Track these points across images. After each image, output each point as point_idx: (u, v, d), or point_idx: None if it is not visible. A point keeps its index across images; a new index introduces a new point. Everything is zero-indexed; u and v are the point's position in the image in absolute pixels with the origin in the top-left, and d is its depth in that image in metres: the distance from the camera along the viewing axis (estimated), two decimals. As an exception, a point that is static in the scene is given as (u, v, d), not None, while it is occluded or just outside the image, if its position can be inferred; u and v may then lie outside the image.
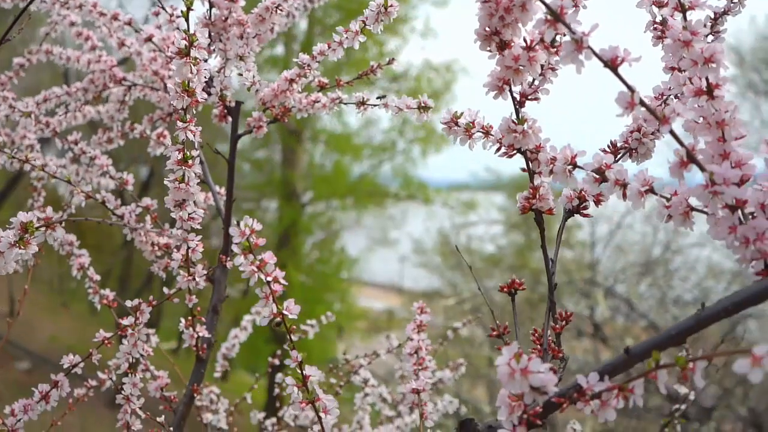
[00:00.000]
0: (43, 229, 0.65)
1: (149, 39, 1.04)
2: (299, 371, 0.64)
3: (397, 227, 12.56)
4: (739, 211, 0.52)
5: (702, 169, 0.51)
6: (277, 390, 1.34)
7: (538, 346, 0.63)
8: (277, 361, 1.42)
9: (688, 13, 0.57)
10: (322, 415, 0.63)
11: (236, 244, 0.60)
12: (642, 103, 0.50)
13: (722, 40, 0.71)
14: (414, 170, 11.82)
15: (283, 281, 0.62)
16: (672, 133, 0.51)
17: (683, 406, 1.10)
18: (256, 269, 0.61)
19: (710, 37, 0.71)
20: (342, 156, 11.93)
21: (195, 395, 0.97)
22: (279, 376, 1.11)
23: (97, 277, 1.09)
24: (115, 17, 1.08)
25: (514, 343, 0.50)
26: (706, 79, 0.53)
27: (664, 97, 0.67)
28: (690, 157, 0.51)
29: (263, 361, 1.49)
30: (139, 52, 1.12)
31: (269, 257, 0.62)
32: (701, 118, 0.54)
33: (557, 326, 0.62)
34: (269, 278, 0.61)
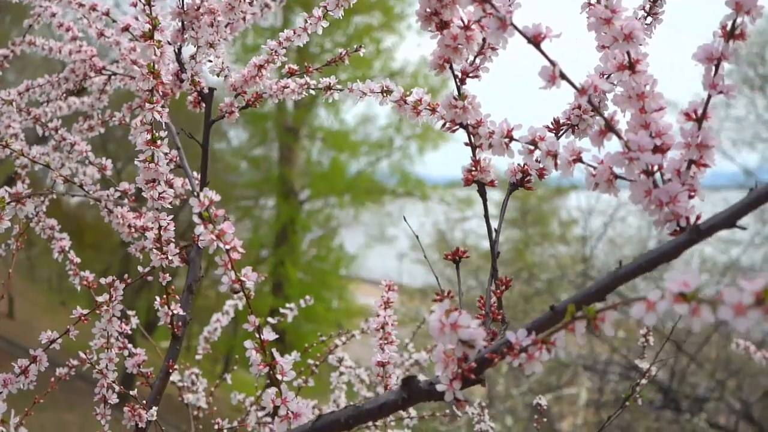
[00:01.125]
0: (13, 204, 0.68)
1: (126, 29, 1.07)
2: (257, 335, 0.68)
3: (395, 224, 12.60)
4: (658, 176, 0.56)
5: (619, 137, 0.54)
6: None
7: (482, 311, 0.66)
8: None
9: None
10: (279, 376, 0.67)
11: (195, 214, 0.64)
12: (562, 75, 0.53)
13: (660, 21, 0.74)
14: (411, 167, 11.86)
15: (241, 249, 0.66)
16: (591, 103, 0.54)
17: (644, 381, 1.13)
18: (215, 238, 0.65)
19: (649, 19, 0.75)
20: (339, 153, 11.96)
21: (170, 371, 1.01)
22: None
23: (78, 260, 1.12)
24: (93, 8, 1.12)
25: (446, 301, 0.54)
26: (628, 54, 0.56)
27: (605, 76, 0.71)
28: (609, 127, 0.55)
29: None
30: (117, 42, 1.16)
31: (228, 227, 0.65)
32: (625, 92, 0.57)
33: (498, 291, 0.65)
34: (228, 246, 0.65)
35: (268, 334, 0.68)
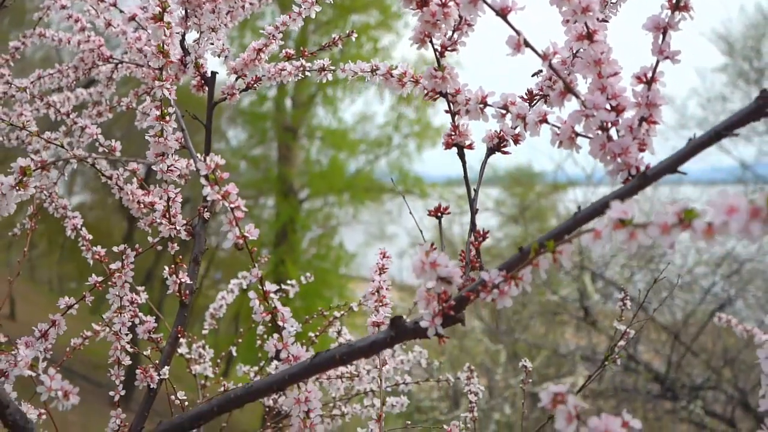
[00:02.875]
0: (39, 171, 0.75)
1: (133, 18, 1.14)
2: (260, 287, 0.75)
3: (394, 222, 12.66)
4: (614, 132, 0.63)
5: (577, 97, 0.62)
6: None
7: (463, 262, 0.74)
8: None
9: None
10: (280, 323, 0.74)
11: (203, 176, 0.71)
12: (526, 44, 0.61)
13: (625, 0, 0.81)
14: (410, 165, 11.93)
15: (244, 208, 0.73)
16: (551, 68, 0.62)
17: (621, 342, 1.20)
18: (221, 198, 0.72)
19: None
20: (338, 152, 12.03)
21: (179, 336, 1.08)
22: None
23: (90, 236, 1.19)
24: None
25: (427, 243, 0.61)
26: (585, 25, 0.64)
27: (575, 51, 0.78)
28: (567, 88, 0.62)
29: (264, 355, 1.60)
30: (124, 31, 1.23)
31: (232, 188, 0.73)
32: (584, 59, 0.65)
33: (476, 243, 0.73)
34: (233, 205, 0.72)
35: (270, 286, 0.76)
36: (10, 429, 0.70)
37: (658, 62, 0.62)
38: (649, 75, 0.62)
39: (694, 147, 0.57)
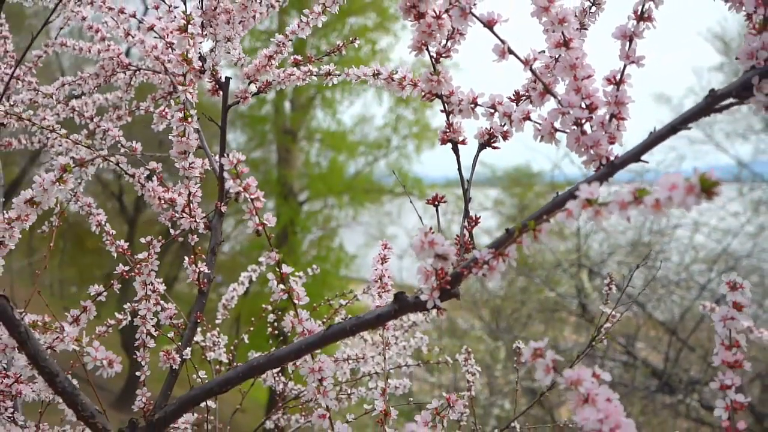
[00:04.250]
0: (77, 168, 0.84)
1: (151, 28, 1.24)
2: (278, 269, 0.84)
3: (394, 223, 12.74)
4: (587, 127, 0.72)
5: (555, 97, 0.71)
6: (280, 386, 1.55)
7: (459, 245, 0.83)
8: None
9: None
10: (296, 301, 0.84)
11: (226, 170, 0.80)
12: (510, 51, 0.70)
13: (603, 9, 0.91)
14: (409, 166, 12.03)
15: (262, 199, 0.82)
16: (533, 72, 0.71)
17: (607, 325, 1.29)
18: (242, 189, 0.81)
19: (593, 8, 0.91)
20: (337, 154, 12.12)
21: (198, 321, 1.17)
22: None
23: (113, 232, 1.29)
24: (121, 11, 1.28)
25: (426, 225, 0.71)
26: (562, 34, 0.73)
27: (554, 56, 0.87)
28: (546, 90, 0.71)
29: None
30: (142, 40, 1.32)
31: (252, 181, 0.82)
32: (561, 63, 0.74)
33: (469, 227, 0.82)
34: (253, 196, 0.81)
35: (286, 268, 0.85)
36: (59, 395, 0.79)
37: (625, 66, 0.72)
38: (618, 77, 0.72)
39: (655, 139, 0.66)
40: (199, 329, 1.53)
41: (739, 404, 0.68)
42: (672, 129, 0.65)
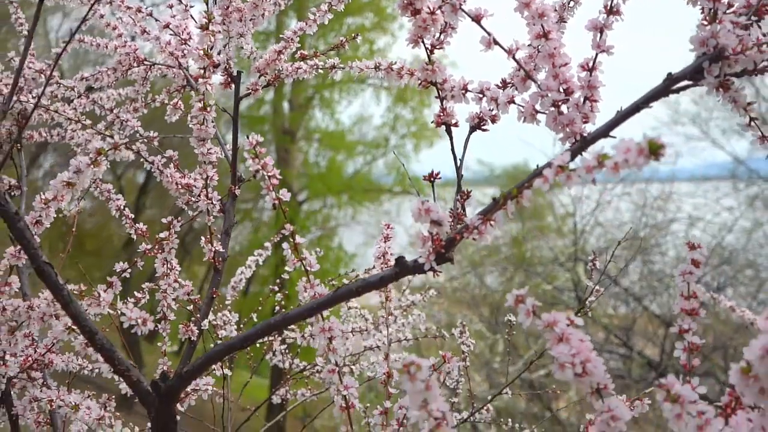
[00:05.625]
0: (112, 150, 0.94)
1: (167, 26, 1.33)
2: (292, 240, 0.94)
3: (393, 222, 12.80)
4: (564, 108, 0.82)
5: (535, 82, 0.81)
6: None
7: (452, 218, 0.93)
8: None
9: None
10: (308, 268, 0.94)
11: (246, 150, 0.90)
12: (495, 42, 0.80)
13: (580, 4, 1.00)
14: (408, 165, 12.11)
15: (278, 176, 0.92)
16: (515, 60, 0.81)
17: (591, 299, 1.39)
18: (260, 168, 0.91)
19: (572, 3, 1.01)
20: (336, 154, 12.22)
21: (214, 296, 1.27)
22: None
23: (132, 215, 1.38)
24: (138, 10, 1.38)
25: (422, 197, 0.80)
26: (542, 26, 0.83)
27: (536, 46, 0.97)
28: (527, 76, 0.81)
29: (264, 361, 1.82)
30: (158, 37, 1.41)
31: (269, 160, 0.92)
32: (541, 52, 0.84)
33: (461, 200, 0.92)
34: (269, 174, 0.91)
35: (300, 239, 0.95)
36: (98, 351, 0.89)
37: (597, 55, 0.81)
38: (591, 64, 0.82)
39: (621, 117, 0.76)
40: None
41: (695, 345, 0.78)
42: (636, 107, 0.75)
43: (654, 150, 0.57)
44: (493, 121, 0.95)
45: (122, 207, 1.39)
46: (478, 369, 6.87)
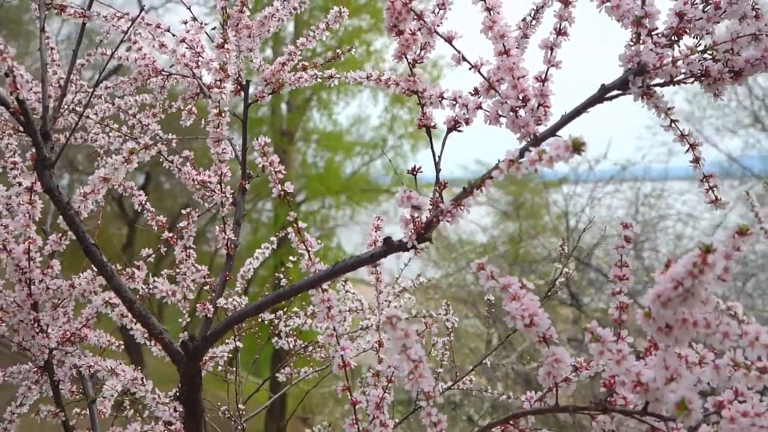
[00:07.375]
0: (143, 150, 1.11)
1: (183, 41, 1.51)
2: (296, 225, 1.11)
3: (391, 222, 12.95)
4: (522, 113, 0.99)
5: (497, 91, 0.98)
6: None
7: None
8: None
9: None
10: (309, 248, 1.11)
11: (256, 150, 1.07)
12: (464, 58, 0.97)
13: (541, 23, 1.18)
14: (405, 165, 12.28)
15: (283, 171, 1.09)
16: (480, 73, 0.98)
17: (561, 279, 1.56)
18: (268, 165, 1.08)
19: (533, 21, 1.18)
20: (334, 154, 12.37)
21: (227, 279, 1.44)
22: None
23: (153, 210, 1.55)
24: (158, 26, 1.55)
25: (407, 188, 0.98)
26: (503, 45, 1.00)
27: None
28: (490, 86, 0.98)
29: (264, 363, 1.99)
30: (174, 50, 1.59)
31: (275, 158, 1.09)
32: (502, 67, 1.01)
33: (440, 188, 1.09)
34: (276, 169, 1.08)
35: (303, 224, 1.12)
36: (136, 318, 1.06)
37: (548, 69, 0.99)
38: (543, 76, 0.99)
39: (563, 121, 0.93)
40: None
41: (624, 304, 0.95)
42: (577, 112, 0.92)
43: (576, 147, 0.74)
44: (467, 123, 1.12)
45: (144, 202, 1.56)
46: (474, 364, 7.03)
